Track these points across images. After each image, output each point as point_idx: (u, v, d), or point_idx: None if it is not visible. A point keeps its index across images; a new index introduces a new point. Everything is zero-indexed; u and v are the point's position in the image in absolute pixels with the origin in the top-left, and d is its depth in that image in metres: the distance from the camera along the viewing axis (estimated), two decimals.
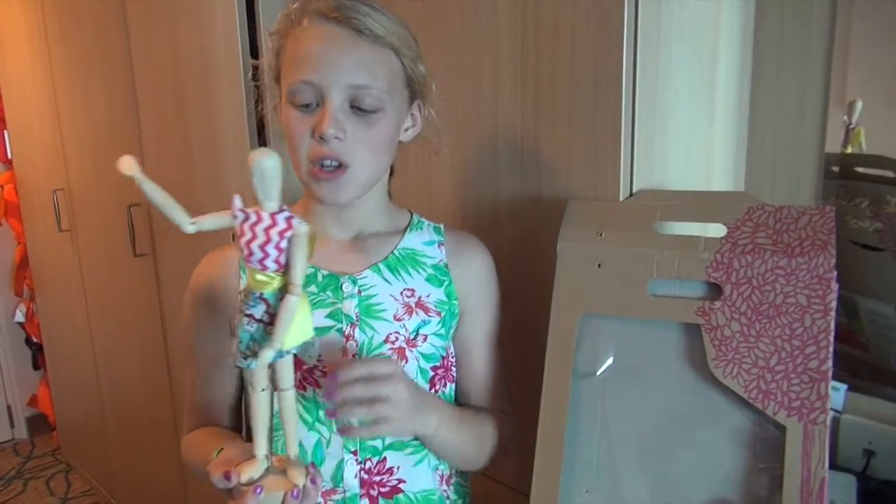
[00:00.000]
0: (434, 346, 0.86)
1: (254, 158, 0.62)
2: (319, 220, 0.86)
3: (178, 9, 1.58)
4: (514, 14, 0.97)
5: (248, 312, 0.66)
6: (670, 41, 0.90)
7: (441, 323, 0.86)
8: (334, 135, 0.76)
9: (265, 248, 0.64)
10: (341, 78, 0.76)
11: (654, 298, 0.80)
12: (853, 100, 1.07)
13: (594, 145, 0.90)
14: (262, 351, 0.65)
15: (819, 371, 0.70)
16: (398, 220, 0.91)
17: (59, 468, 3.05)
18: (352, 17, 0.76)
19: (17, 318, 3.12)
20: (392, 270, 0.85)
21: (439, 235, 0.90)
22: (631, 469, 0.81)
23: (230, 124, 1.48)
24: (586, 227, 0.86)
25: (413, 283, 0.86)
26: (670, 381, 0.79)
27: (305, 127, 0.77)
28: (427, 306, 0.85)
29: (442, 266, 0.88)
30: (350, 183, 0.79)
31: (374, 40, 0.77)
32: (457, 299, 0.88)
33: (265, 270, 0.65)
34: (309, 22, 0.77)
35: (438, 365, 0.87)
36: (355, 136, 0.77)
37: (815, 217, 0.74)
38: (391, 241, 0.88)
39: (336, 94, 0.76)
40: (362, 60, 0.77)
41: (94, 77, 2.04)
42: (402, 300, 0.84)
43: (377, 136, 0.79)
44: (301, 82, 0.76)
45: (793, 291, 0.73)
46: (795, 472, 0.70)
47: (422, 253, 0.88)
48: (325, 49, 0.76)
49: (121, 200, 2.02)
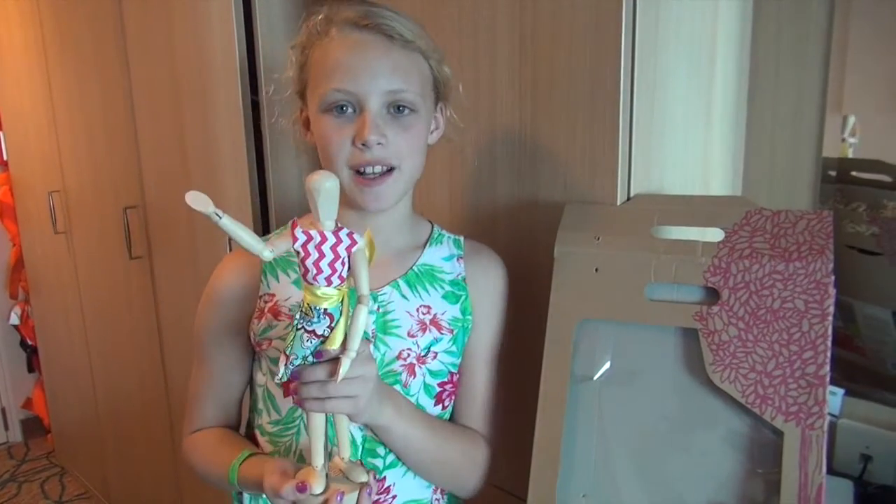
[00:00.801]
0: (443, 362, 0.86)
1: (314, 180, 0.64)
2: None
3: (175, 11, 1.58)
4: (512, 16, 0.97)
5: (311, 329, 0.68)
6: (668, 45, 0.90)
7: (453, 340, 0.86)
8: (377, 140, 0.76)
9: (333, 264, 0.66)
10: (378, 84, 0.76)
11: (651, 303, 0.80)
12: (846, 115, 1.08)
13: (591, 149, 0.90)
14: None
15: (817, 376, 0.70)
16: (419, 232, 0.91)
17: (53, 471, 3.04)
18: (382, 24, 0.77)
19: (11, 321, 3.11)
20: (410, 286, 0.85)
21: (459, 249, 0.90)
22: (628, 474, 0.80)
23: (226, 127, 1.48)
24: (583, 232, 0.86)
25: (430, 300, 0.85)
26: (668, 385, 0.79)
27: (343, 135, 0.77)
28: (441, 324, 0.85)
29: (460, 280, 0.88)
30: (396, 185, 0.80)
31: (404, 45, 0.78)
32: (471, 314, 0.87)
33: (330, 286, 0.67)
34: (338, 31, 0.78)
35: (446, 381, 0.87)
36: (395, 140, 0.78)
37: (813, 221, 0.74)
38: (412, 255, 0.88)
39: (374, 101, 0.76)
40: (396, 65, 0.77)
41: (91, 79, 2.04)
42: (417, 317, 0.84)
43: (415, 139, 0.80)
44: (336, 90, 0.77)
45: (790, 296, 0.73)
46: (793, 477, 0.69)
47: (440, 269, 0.88)
48: (359, 57, 0.76)
49: (117, 202, 2.01)
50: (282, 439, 0.85)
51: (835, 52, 1.05)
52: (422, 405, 0.85)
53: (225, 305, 0.87)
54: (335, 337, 0.68)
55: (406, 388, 0.83)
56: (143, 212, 1.92)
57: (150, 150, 1.83)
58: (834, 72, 1.05)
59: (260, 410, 0.88)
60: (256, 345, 0.86)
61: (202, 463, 0.88)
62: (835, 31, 1.04)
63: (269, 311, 0.84)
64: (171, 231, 1.81)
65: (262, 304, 0.85)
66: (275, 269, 0.86)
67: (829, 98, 1.06)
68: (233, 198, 1.51)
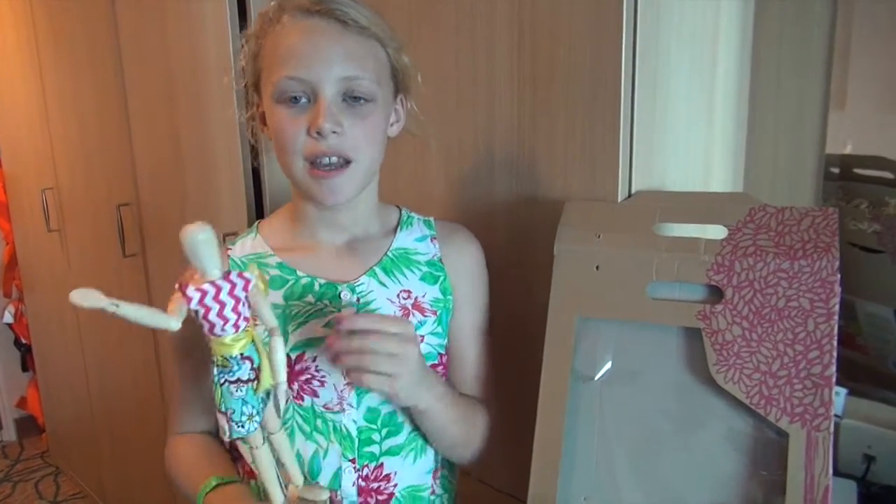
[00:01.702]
0: (430, 345, 0.85)
1: (187, 235, 0.62)
2: (311, 225, 0.84)
3: (169, 9, 1.56)
4: (511, 12, 0.96)
5: (234, 378, 0.66)
6: (670, 40, 0.89)
7: (437, 321, 0.85)
8: (332, 129, 0.73)
9: (236, 308, 0.65)
10: (332, 71, 0.73)
11: (653, 301, 0.78)
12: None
13: (592, 145, 0.89)
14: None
15: (822, 376, 0.69)
16: (388, 218, 0.89)
17: (47, 471, 3.02)
18: (335, 9, 0.74)
19: (5, 319, 3.08)
20: (388, 273, 0.84)
21: (430, 229, 0.89)
22: (630, 475, 0.79)
23: (220, 124, 1.47)
24: (584, 229, 0.85)
25: (409, 283, 0.84)
26: (670, 385, 0.78)
27: (297, 125, 0.75)
28: (423, 307, 0.84)
29: (436, 261, 0.87)
30: (353, 179, 0.77)
31: (359, 31, 0.75)
32: (451, 294, 0.86)
33: (238, 330, 0.66)
34: (289, 18, 0.75)
35: (436, 363, 0.86)
36: (352, 129, 0.75)
37: (818, 219, 0.73)
38: (384, 242, 0.86)
39: (328, 88, 0.74)
40: (351, 52, 0.75)
41: (84, 77, 2.02)
42: (398, 302, 0.83)
43: (372, 128, 0.77)
44: (289, 78, 0.74)
45: (795, 295, 0.71)
46: (798, 479, 0.68)
47: (414, 251, 0.86)
48: (311, 43, 0.74)
49: (110, 200, 2.00)
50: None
51: (838, 48, 1.04)
52: None
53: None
54: (264, 376, 0.68)
55: None
56: (136, 209, 1.91)
57: (144, 148, 1.81)
58: (837, 68, 1.04)
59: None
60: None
61: (178, 476, 0.87)
62: (838, 28, 1.03)
63: None
64: (164, 228, 1.80)
65: None
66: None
67: (831, 94, 1.04)
68: (227, 195, 1.50)
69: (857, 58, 1.05)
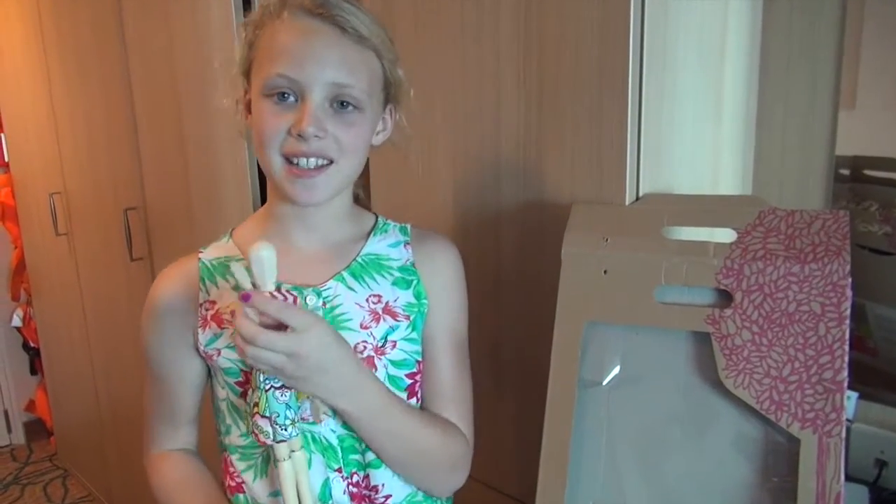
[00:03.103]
0: (405, 351, 0.82)
1: (253, 251, 0.68)
2: (283, 225, 0.83)
3: (174, 12, 1.57)
4: (517, 14, 0.95)
5: (280, 384, 0.71)
6: (677, 42, 0.88)
7: (411, 327, 0.83)
8: (314, 133, 0.73)
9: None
10: (323, 75, 0.73)
11: (661, 306, 0.77)
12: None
13: (599, 148, 0.88)
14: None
15: (834, 381, 0.68)
16: (362, 224, 0.87)
17: (56, 473, 3.03)
18: (337, 14, 0.73)
19: (14, 323, 3.10)
20: (356, 278, 0.82)
21: (405, 235, 0.87)
22: (638, 481, 0.78)
23: (226, 125, 1.47)
24: (591, 232, 0.84)
25: (379, 288, 0.82)
26: (679, 390, 0.77)
27: (281, 122, 0.74)
28: (395, 311, 0.82)
29: (409, 266, 0.85)
30: (331, 180, 0.76)
31: (357, 40, 0.75)
32: (426, 298, 0.84)
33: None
34: (290, 15, 0.74)
35: (415, 371, 0.84)
36: (335, 135, 0.74)
37: (829, 221, 0.72)
38: (353, 247, 0.84)
39: (317, 91, 0.73)
40: (345, 59, 0.74)
41: (91, 81, 2.03)
42: (368, 307, 0.81)
43: (356, 137, 0.76)
44: (279, 76, 0.73)
45: (806, 299, 0.70)
46: (809, 486, 0.67)
47: (386, 256, 0.85)
48: (307, 44, 0.73)
49: (117, 204, 2.00)
50: (255, 451, 0.82)
51: (848, 47, 1.02)
52: None
53: (164, 321, 0.84)
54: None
55: None
56: (143, 213, 1.91)
57: (151, 152, 1.82)
58: (847, 67, 1.03)
59: (228, 427, 0.84)
60: (206, 356, 0.82)
61: (162, 501, 0.86)
62: (848, 26, 1.02)
63: (212, 320, 0.81)
64: (171, 232, 1.80)
65: (204, 311, 0.82)
66: (213, 275, 0.83)
67: (841, 94, 1.03)
68: (233, 199, 1.50)
69: (867, 57, 1.04)
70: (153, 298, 0.85)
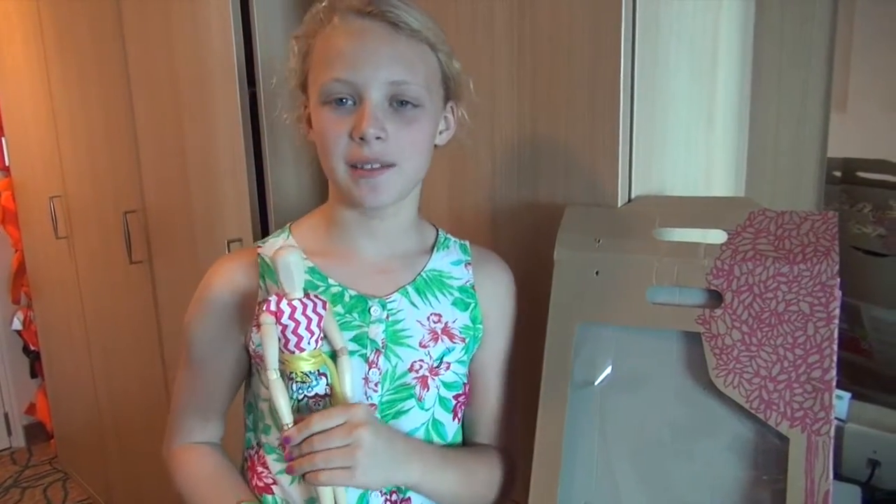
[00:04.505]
0: (457, 373, 0.83)
1: (279, 257, 0.68)
2: (349, 232, 0.81)
3: (174, 16, 1.57)
4: (511, 16, 0.96)
5: (313, 394, 0.71)
6: (669, 44, 0.89)
7: (465, 350, 0.83)
8: (375, 134, 0.71)
9: (311, 327, 0.70)
10: (379, 74, 0.71)
11: (653, 306, 0.78)
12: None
13: (592, 150, 0.89)
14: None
15: (823, 381, 0.69)
16: (425, 235, 0.87)
17: (56, 477, 3.03)
18: (387, 11, 0.72)
19: (14, 326, 3.10)
20: (420, 294, 0.81)
21: (466, 254, 0.87)
22: (630, 481, 0.79)
23: (225, 132, 1.47)
24: (584, 234, 0.85)
25: (440, 307, 0.82)
26: (670, 390, 0.78)
27: (341, 128, 0.72)
28: (452, 332, 0.82)
29: (468, 287, 0.85)
30: (395, 181, 0.74)
31: (410, 34, 0.73)
32: (481, 323, 0.84)
33: (318, 346, 0.71)
34: (340, 19, 0.73)
35: (461, 393, 0.84)
36: (397, 135, 0.72)
37: (818, 223, 0.73)
38: (419, 261, 0.84)
39: (375, 92, 0.71)
40: (401, 55, 0.72)
41: (91, 85, 2.03)
42: (428, 326, 0.81)
43: (418, 135, 0.75)
44: (335, 80, 0.72)
45: (795, 299, 0.71)
46: (799, 484, 0.68)
47: (448, 275, 0.84)
48: (360, 45, 0.72)
49: (117, 207, 2.01)
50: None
51: (839, 49, 1.03)
52: (440, 421, 0.82)
53: (218, 312, 0.81)
54: (337, 391, 0.72)
55: (421, 401, 0.80)
56: (143, 216, 1.92)
57: (150, 155, 1.82)
58: (838, 70, 1.04)
59: (267, 427, 0.82)
60: (256, 356, 0.80)
61: (193, 494, 0.84)
62: (839, 29, 1.03)
63: None
64: (171, 235, 1.81)
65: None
66: (273, 273, 0.79)
67: (833, 97, 1.04)
68: (232, 202, 1.50)
69: (858, 59, 1.04)
70: (210, 287, 0.82)
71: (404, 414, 0.80)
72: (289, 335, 0.69)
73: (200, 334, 0.84)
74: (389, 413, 0.79)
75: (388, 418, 0.79)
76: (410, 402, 0.80)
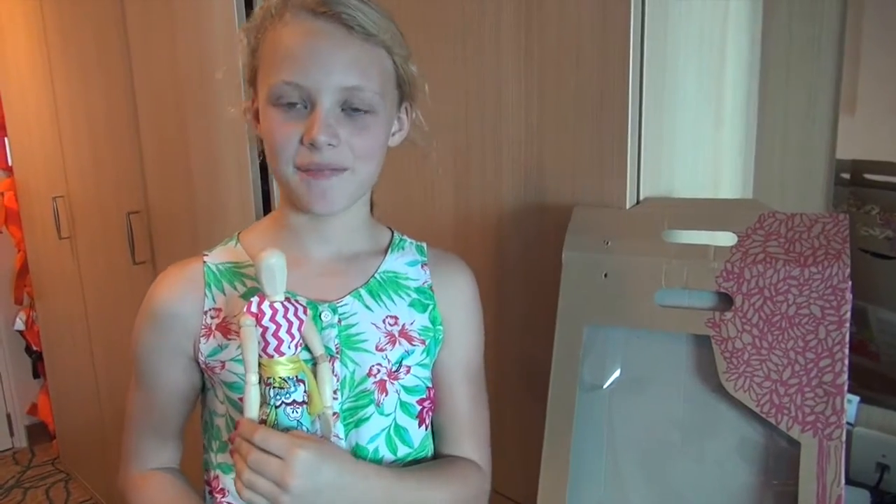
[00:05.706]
0: (418, 377, 0.80)
1: (262, 259, 0.67)
2: (298, 236, 0.79)
3: (178, 15, 1.57)
4: (518, 20, 0.96)
5: (290, 400, 0.69)
6: (677, 45, 0.89)
7: (425, 352, 0.80)
8: (327, 141, 0.69)
9: (291, 331, 0.68)
10: (332, 79, 0.69)
11: (662, 309, 0.78)
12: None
13: (600, 151, 0.88)
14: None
15: (834, 385, 0.68)
16: (379, 237, 0.84)
17: (58, 477, 3.03)
18: (341, 12, 0.69)
19: (16, 326, 3.10)
20: (374, 296, 0.79)
21: (422, 255, 0.84)
22: (639, 485, 0.78)
23: (228, 132, 1.47)
24: (592, 236, 0.84)
25: (396, 309, 0.79)
26: (679, 394, 0.77)
27: (291, 131, 0.70)
28: (411, 335, 0.79)
29: (426, 288, 0.82)
30: (345, 187, 0.72)
31: (365, 38, 0.70)
32: (441, 324, 0.82)
33: (296, 351, 0.69)
34: (292, 16, 0.70)
35: (424, 397, 0.81)
36: (349, 141, 0.70)
37: (829, 225, 0.72)
38: (372, 262, 0.81)
39: (326, 98, 0.69)
40: (354, 60, 0.70)
41: (94, 85, 2.03)
42: (384, 329, 0.78)
43: (371, 141, 0.72)
44: (285, 83, 0.69)
45: (806, 302, 0.71)
46: (810, 489, 0.67)
47: (404, 275, 0.81)
48: (312, 48, 0.69)
49: (120, 208, 2.01)
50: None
51: (848, 50, 1.03)
52: (403, 427, 0.80)
53: (163, 324, 0.78)
54: (314, 399, 0.70)
55: (379, 406, 0.77)
56: (146, 217, 1.92)
57: (153, 156, 1.82)
58: (847, 71, 1.03)
59: (223, 445, 0.79)
60: (207, 368, 0.77)
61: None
62: (848, 30, 1.02)
63: (217, 329, 0.76)
64: (174, 236, 1.81)
65: (209, 320, 0.76)
66: (219, 281, 0.78)
67: (842, 98, 1.03)
68: (235, 202, 1.50)
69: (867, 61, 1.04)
70: (152, 300, 0.79)
71: (365, 422, 0.77)
72: (269, 338, 0.67)
73: (148, 348, 0.80)
74: (351, 422, 0.77)
75: (349, 427, 0.76)
76: (370, 408, 0.77)
